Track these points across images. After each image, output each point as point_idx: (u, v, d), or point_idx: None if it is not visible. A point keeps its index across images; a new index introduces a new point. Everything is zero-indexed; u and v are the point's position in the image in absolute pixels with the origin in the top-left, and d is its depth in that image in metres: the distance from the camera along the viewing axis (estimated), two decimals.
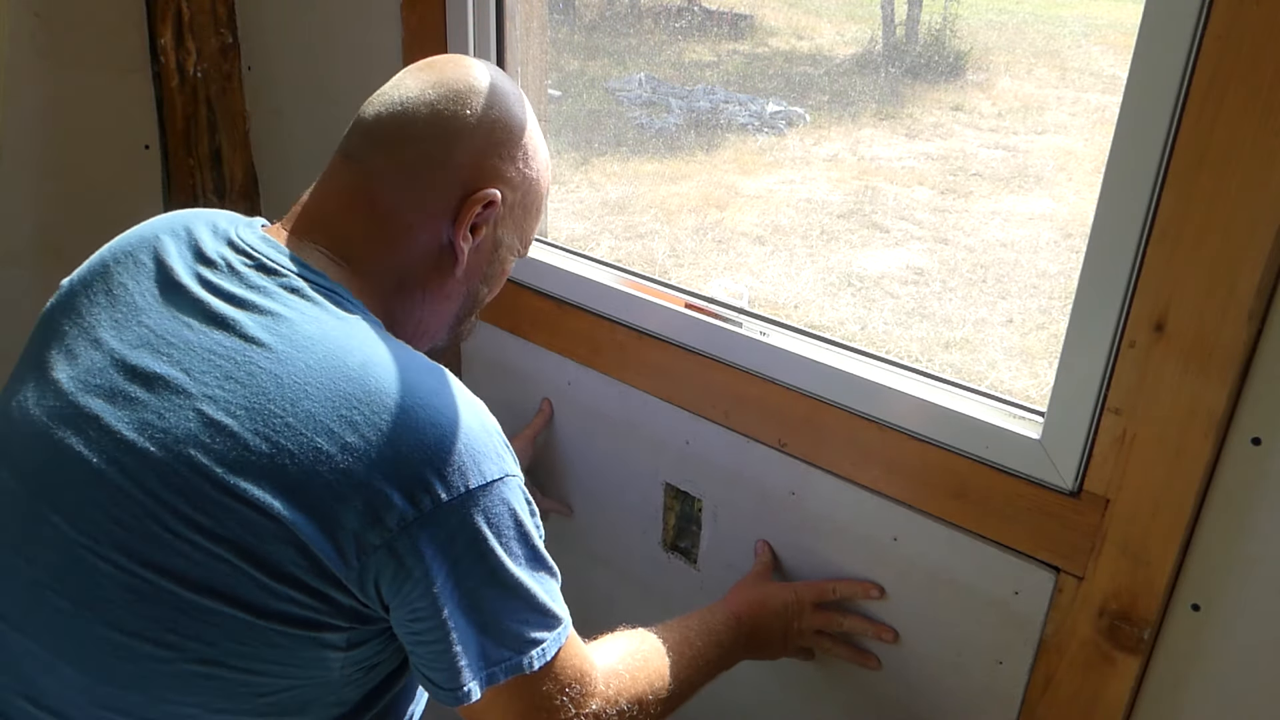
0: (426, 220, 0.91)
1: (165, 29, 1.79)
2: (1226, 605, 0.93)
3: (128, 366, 0.82)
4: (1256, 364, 0.86)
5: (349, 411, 0.77)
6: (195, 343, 0.81)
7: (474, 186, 0.92)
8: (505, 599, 0.81)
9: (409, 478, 0.76)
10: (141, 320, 0.84)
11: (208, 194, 1.91)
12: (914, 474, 1.11)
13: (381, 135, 0.92)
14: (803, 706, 1.33)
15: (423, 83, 0.92)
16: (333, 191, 0.93)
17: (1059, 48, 4.86)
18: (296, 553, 0.76)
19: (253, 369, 0.79)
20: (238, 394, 0.78)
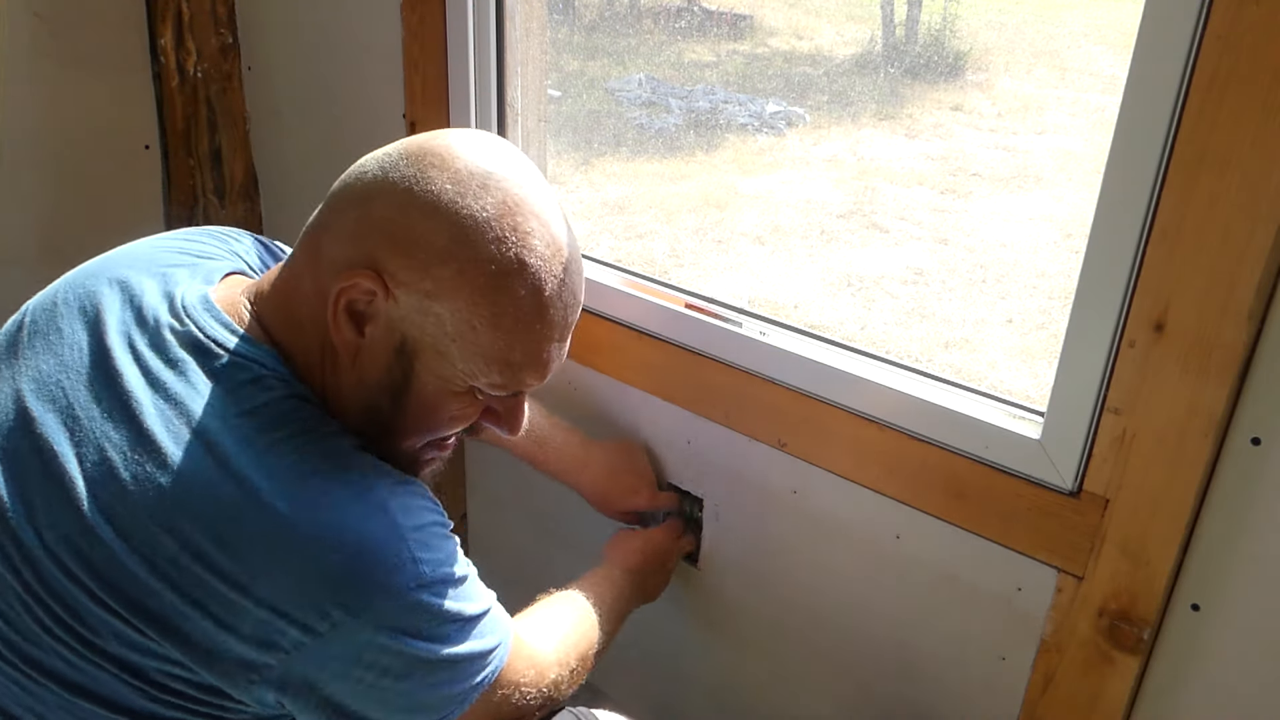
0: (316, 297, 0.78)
1: (165, 29, 1.78)
2: (1226, 605, 0.93)
3: (30, 431, 0.76)
4: (1256, 364, 0.86)
5: (232, 535, 0.70)
6: (96, 425, 0.74)
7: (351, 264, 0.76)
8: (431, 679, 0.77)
9: (302, 604, 0.70)
10: (60, 380, 0.78)
11: (208, 194, 1.91)
12: (914, 474, 1.11)
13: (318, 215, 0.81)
14: (805, 702, 1.33)
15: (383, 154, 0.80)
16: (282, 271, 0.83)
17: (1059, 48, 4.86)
18: (184, 670, 0.72)
19: (138, 471, 0.71)
20: (120, 501, 0.71)
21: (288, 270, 0.82)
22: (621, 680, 1.53)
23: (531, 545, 1.59)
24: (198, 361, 0.76)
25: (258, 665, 0.71)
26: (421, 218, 0.74)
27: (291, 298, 0.80)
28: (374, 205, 0.76)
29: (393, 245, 0.75)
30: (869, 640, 1.23)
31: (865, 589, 1.21)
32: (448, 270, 0.75)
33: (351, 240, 0.76)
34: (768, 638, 1.34)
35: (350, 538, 0.71)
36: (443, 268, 0.75)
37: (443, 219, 0.74)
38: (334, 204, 0.79)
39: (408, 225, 0.75)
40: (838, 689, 1.28)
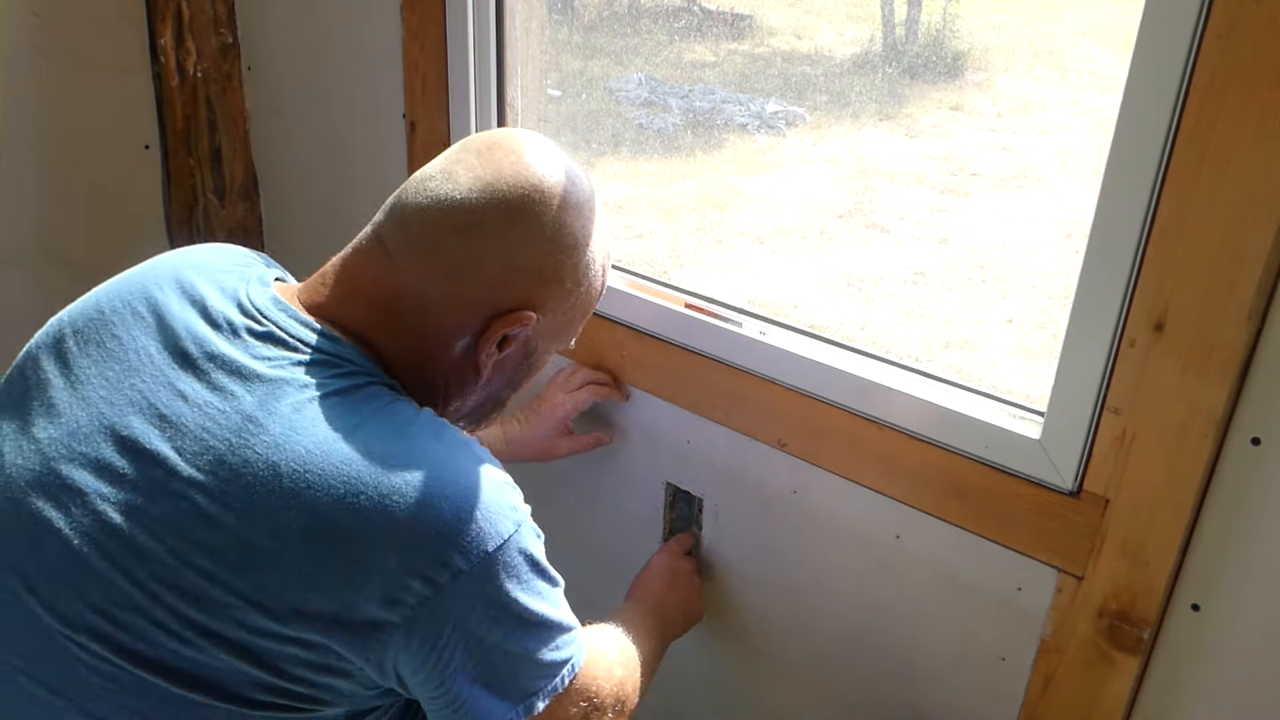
0: (454, 329, 0.85)
1: (165, 29, 1.78)
2: (1226, 605, 0.93)
3: (117, 436, 0.76)
4: (1256, 364, 0.86)
5: (354, 498, 0.72)
6: (189, 418, 0.75)
7: (506, 306, 0.85)
8: (533, 637, 0.80)
9: (424, 558, 0.73)
10: (134, 384, 0.78)
11: (208, 194, 1.91)
12: (914, 474, 1.11)
13: (419, 232, 0.83)
14: (805, 702, 1.33)
15: (474, 179, 0.83)
16: (360, 276, 0.85)
17: (1059, 48, 4.85)
18: (301, 649, 0.73)
19: (248, 455, 0.73)
20: (233, 484, 0.72)
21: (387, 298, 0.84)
22: None
23: None
24: (284, 357, 0.79)
25: (384, 625, 0.73)
26: (560, 253, 0.86)
27: (405, 326, 0.84)
28: (521, 253, 0.84)
29: (547, 284, 0.86)
30: (869, 640, 1.22)
31: (865, 589, 1.21)
32: (577, 293, 0.90)
33: (503, 285, 0.84)
34: (767, 637, 1.34)
35: (460, 490, 0.76)
36: (573, 293, 0.89)
37: (577, 254, 0.88)
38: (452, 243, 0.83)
39: (557, 265, 0.86)
40: (838, 689, 1.28)
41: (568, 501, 1.50)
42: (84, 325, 0.84)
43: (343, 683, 0.76)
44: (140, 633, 0.73)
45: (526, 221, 0.84)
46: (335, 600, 0.72)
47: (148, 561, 0.73)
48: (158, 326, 0.81)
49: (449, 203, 0.83)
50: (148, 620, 0.73)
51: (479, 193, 0.83)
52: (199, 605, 0.72)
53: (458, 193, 0.83)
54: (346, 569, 0.72)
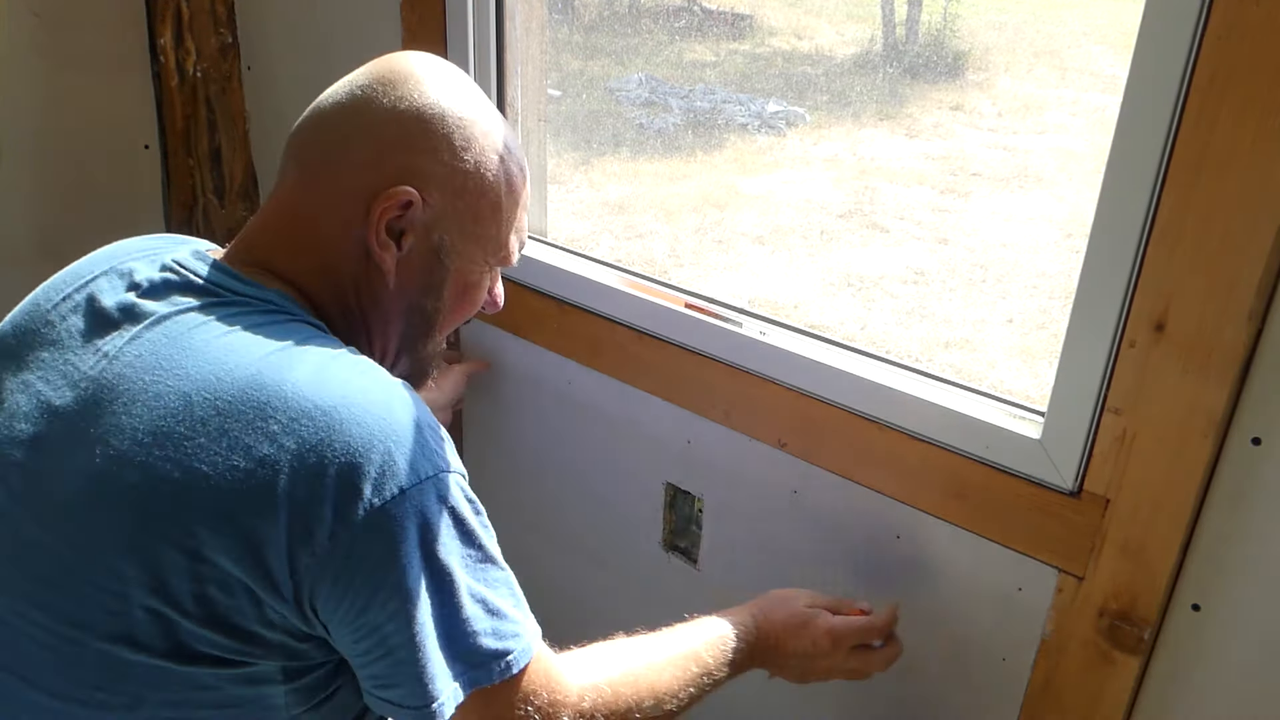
0: (342, 229, 0.83)
1: (165, 29, 1.78)
2: (1226, 605, 0.93)
3: (50, 408, 0.77)
4: (1256, 364, 0.86)
5: (264, 422, 0.71)
6: (108, 371, 0.76)
7: (381, 186, 0.82)
8: (455, 606, 0.75)
9: (335, 486, 0.71)
10: (66, 358, 0.80)
11: (207, 194, 1.91)
12: (914, 474, 1.11)
13: (297, 142, 0.86)
14: (805, 702, 1.33)
15: (344, 82, 0.86)
16: (266, 214, 0.87)
17: (1059, 48, 4.85)
18: (220, 592, 0.72)
19: (161, 390, 0.73)
20: (146, 420, 0.73)
21: (284, 219, 0.85)
22: None
23: (528, 544, 1.59)
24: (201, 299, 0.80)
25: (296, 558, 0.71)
26: (436, 124, 0.84)
27: (302, 241, 0.84)
28: (385, 128, 0.83)
29: (418, 153, 0.83)
30: None
31: (865, 589, 1.21)
32: (466, 165, 0.85)
33: (372, 165, 0.82)
34: None
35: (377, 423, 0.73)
36: (461, 163, 0.85)
37: (450, 123, 0.84)
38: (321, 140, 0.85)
39: (425, 133, 0.83)
40: (838, 689, 1.28)
41: (567, 501, 1.51)
42: (25, 322, 0.86)
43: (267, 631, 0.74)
44: (73, 593, 0.73)
45: (385, 95, 0.83)
46: (249, 530, 0.71)
47: (73, 516, 0.73)
48: (88, 305, 0.83)
49: (321, 104, 0.86)
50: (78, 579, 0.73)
51: (345, 91, 0.86)
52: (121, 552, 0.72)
53: (329, 99, 0.86)
54: (257, 497, 0.70)
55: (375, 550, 0.72)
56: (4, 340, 0.86)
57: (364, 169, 0.83)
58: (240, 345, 0.76)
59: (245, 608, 0.72)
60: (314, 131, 0.86)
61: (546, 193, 1.58)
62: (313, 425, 0.72)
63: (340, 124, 0.84)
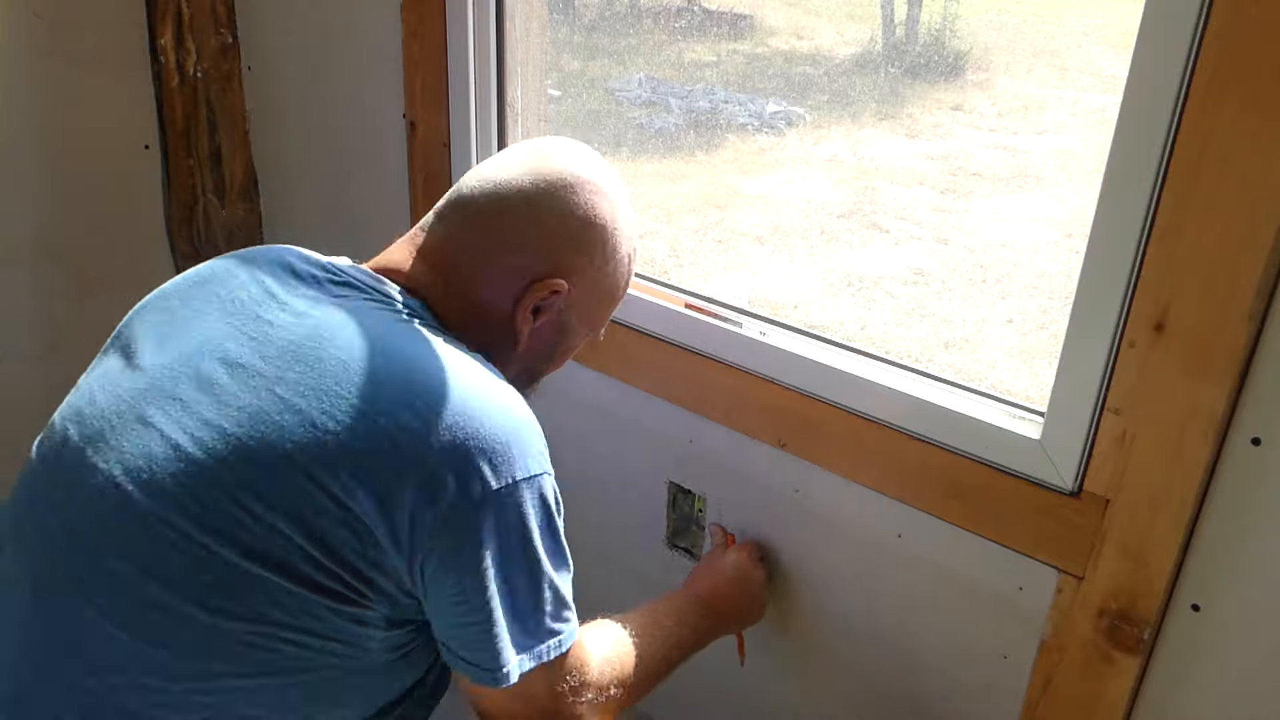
0: (497, 293, 0.96)
1: (165, 29, 1.78)
2: (1226, 605, 0.93)
3: (212, 356, 0.87)
4: (1256, 364, 0.86)
5: (411, 398, 0.81)
6: (274, 336, 0.87)
7: (542, 272, 0.95)
8: (537, 589, 0.86)
9: (463, 463, 0.81)
10: (229, 320, 0.90)
11: (207, 194, 1.91)
12: (914, 474, 1.11)
13: (473, 210, 0.97)
14: (805, 702, 1.33)
15: (523, 168, 0.97)
16: (419, 248, 0.98)
17: (1059, 48, 4.85)
18: (351, 534, 0.80)
19: (322, 354, 0.84)
20: (308, 377, 0.83)
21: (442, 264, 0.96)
22: None
23: None
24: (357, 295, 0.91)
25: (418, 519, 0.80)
26: (598, 233, 0.97)
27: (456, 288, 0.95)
28: (559, 228, 0.96)
29: (578, 255, 0.97)
30: (869, 640, 1.23)
31: (866, 589, 1.21)
32: (608, 270, 1.00)
33: (540, 255, 0.96)
34: (767, 637, 1.34)
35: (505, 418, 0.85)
36: (605, 268, 0.99)
37: (608, 236, 0.98)
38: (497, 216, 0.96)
39: (587, 240, 0.97)
40: (838, 688, 1.28)
41: (570, 500, 1.51)
42: (185, 289, 0.96)
43: (382, 579, 0.82)
44: (218, 506, 0.81)
45: (563, 197, 0.96)
46: (383, 486, 0.80)
47: (230, 443, 0.82)
48: (250, 280, 0.94)
49: (499, 183, 0.96)
50: (226, 497, 0.80)
51: (526, 175, 0.96)
52: (272, 479, 0.80)
53: (507, 175, 0.97)
54: (396, 458, 0.80)
55: (485, 526, 0.82)
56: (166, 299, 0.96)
57: (532, 255, 0.95)
58: (396, 332, 0.88)
59: (369, 553, 0.81)
60: (491, 203, 0.96)
61: None
62: (451, 408, 0.82)
63: (519, 208, 0.95)
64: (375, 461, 0.80)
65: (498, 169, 0.98)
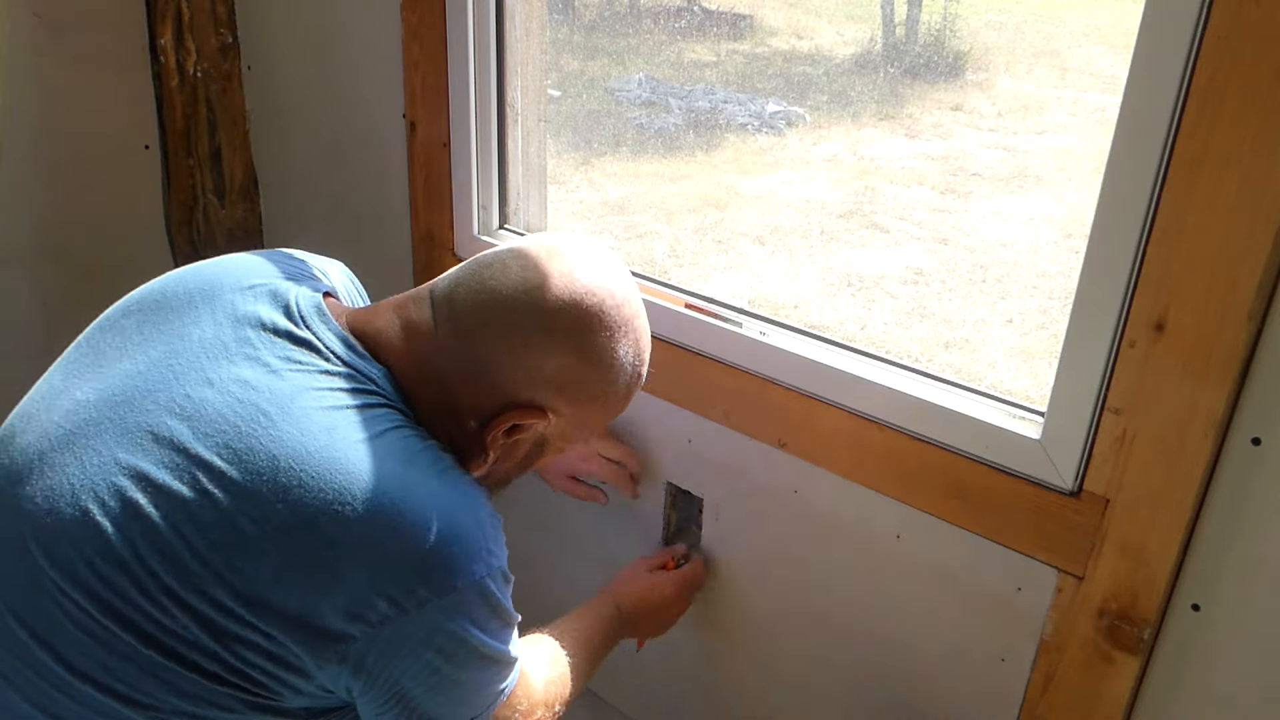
0: (468, 409, 0.89)
1: (165, 29, 1.78)
2: (1226, 605, 0.93)
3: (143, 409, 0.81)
4: (1256, 364, 0.86)
5: (340, 506, 0.76)
6: (210, 403, 0.80)
7: (522, 401, 0.89)
8: (479, 673, 0.85)
9: (394, 580, 0.77)
10: (171, 364, 0.84)
11: (207, 194, 1.91)
12: (914, 474, 1.11)
13: (462, 313, 0.89)
14: (804, 702, 1.33)
15: (522, 279, 0.88)
16: (406, 322, 0.90)
17: (1059, 48, 4.85)
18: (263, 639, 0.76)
19: (254, 444, 0.78)
20: (235, 468, 0.77)
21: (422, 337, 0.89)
22: (619, 680, 1.53)
23: (529, 544, 1.59)
24: (314, 364, 0.84)
25: (344, 636, 0.76)
26: (586, 371, 0.90)
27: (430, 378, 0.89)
28: (545, 358, 0.88)
29: (559, 394, 0.90)
30: (869, 640, 1.23)
31: (865, 589, 1.21)
32: (597, 404, 0.93)
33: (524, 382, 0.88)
34: (767, 637, 1.34)
35: (444, 523, 0.79)
36: (594, 402, 0.93)
37: (602, 372, 0.91)
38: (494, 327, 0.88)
39: (574, 379, 0.90)
40: (837, 689, 1.28)
41: (569, 501, 1.50)
42: (148, 304, 0.91)
43: (299, 680, 0.79)
44: (120, 590, 0.76)
45: (557, 336, 0.88)
46: (301, 601, 0.76)
47: (142, 523, 0.77)
48: (210, 317, 0.87)
49: (493, 295, 0.88)
50: (129, 579, 0.76)
51: (523, 294, 0.88)
52: (176, 571, 0.75)
53: (504, 289, 0.88)
54: (318, 573, 0.76)
55: (419, 638, 0.79)
56: (126, 316, 0.91)
57: (515, 385, 0.88)
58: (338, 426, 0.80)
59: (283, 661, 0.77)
60: (482, 316, 0.88)
61: (547, 193, 1.58)
62: (385, 521, 0.77)
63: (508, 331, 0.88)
64: (292, 575, 0.75)
65: (498, 273, 0.89)
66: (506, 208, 1.54)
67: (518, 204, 1.55)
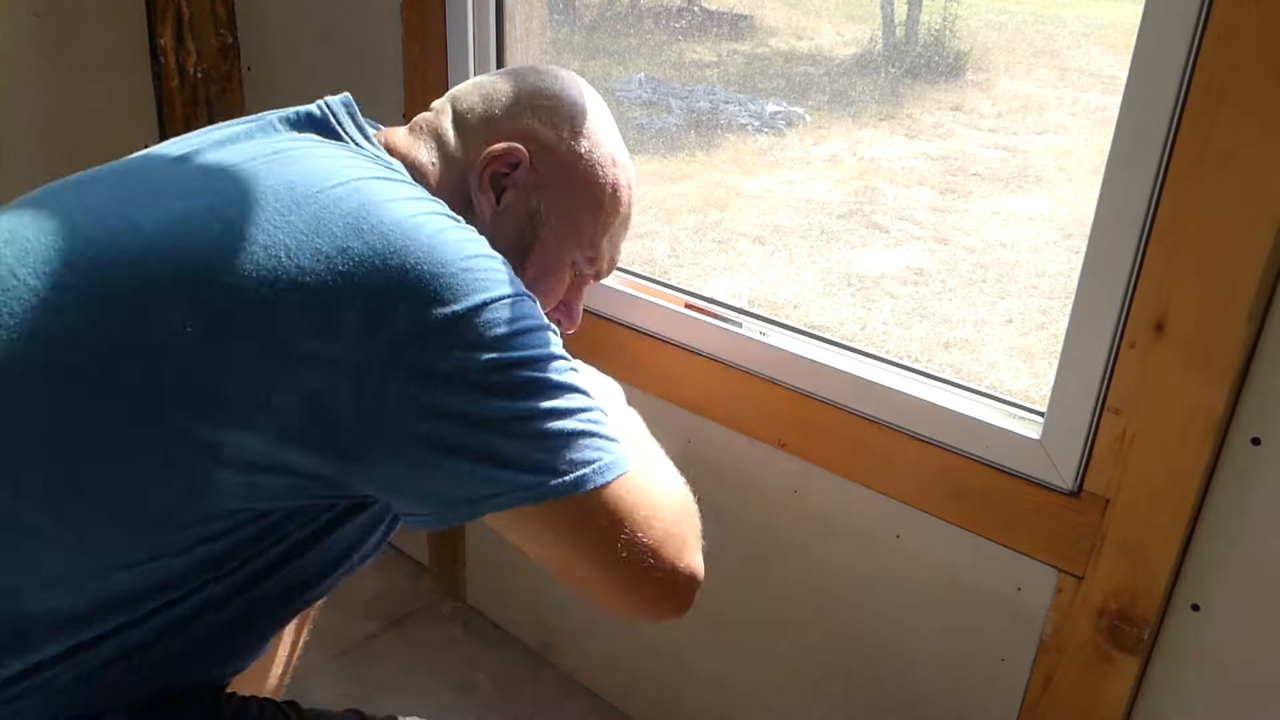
0: (461, 167, 0.91)
1: (165, 29, 1.79)
2: (1226, 605, 0.93)
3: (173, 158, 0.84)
4: (1256, 364, 0.86)
5: (358, 222, 0.73)
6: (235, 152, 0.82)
7: (501, 137, 0.90)
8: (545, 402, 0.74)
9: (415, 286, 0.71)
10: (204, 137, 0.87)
11: None
12: (914, 474, 1.11)
13: (456, 97, 0.95)
14: (804, 702, 1.33)
15: (505, 69, 0.98)
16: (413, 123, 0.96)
17: (1059, 48, 4.85)
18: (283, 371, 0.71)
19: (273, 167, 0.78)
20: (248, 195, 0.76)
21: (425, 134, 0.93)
22: (618, 679, 1.53)
23: None
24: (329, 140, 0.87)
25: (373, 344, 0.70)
26: (568, 109, 0.92)
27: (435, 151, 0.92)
28: (527, 93, 0.92)
29: (542, 122, 0.91)
30: (869, 640, 1.23)
31: (865, 589, 1.21)
32: (580, 152, 0.92)
33: (502, 118, 0.91)
34: (767, 637, 1.34)
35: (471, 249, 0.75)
36: (577, 148, 0.91)
37: (582, 116, 0.92)
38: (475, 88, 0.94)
39: (557, 110, 0.91)
40: (837, 688, 1.28)
41: None
42: None
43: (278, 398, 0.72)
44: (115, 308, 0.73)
45: (536, 78, 0.93)
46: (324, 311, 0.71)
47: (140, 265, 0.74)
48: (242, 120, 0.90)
49: (483, 79, 0.96)
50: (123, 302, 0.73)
51: (506, 70, 0.97)
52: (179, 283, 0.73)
53: (488, 74, 0.97)
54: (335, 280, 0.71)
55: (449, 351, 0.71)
56: None
57: (494, 118, 0.91)
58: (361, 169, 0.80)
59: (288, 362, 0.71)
60: (473, 92, 0.94)
61: None
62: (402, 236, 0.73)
63: (496, 81, 0.94)
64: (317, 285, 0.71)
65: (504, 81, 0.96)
66: None
67: None
